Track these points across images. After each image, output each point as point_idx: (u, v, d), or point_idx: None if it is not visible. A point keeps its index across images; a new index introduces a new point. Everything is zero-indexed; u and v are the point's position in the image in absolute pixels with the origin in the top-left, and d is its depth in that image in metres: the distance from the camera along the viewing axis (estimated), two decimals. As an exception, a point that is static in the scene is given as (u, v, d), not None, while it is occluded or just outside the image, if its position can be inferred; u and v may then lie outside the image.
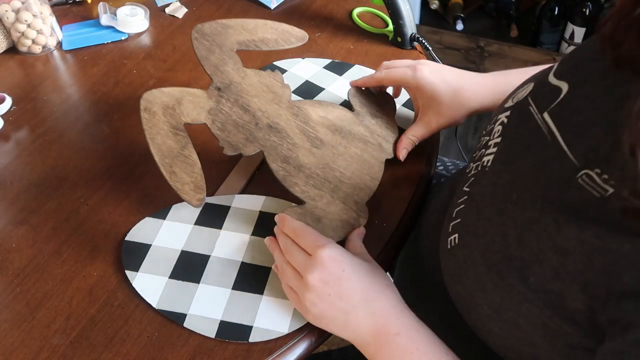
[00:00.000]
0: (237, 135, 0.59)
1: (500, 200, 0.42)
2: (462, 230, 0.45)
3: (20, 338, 0.53)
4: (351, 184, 0.61)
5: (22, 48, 0.86)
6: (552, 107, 0.42)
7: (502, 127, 0.47)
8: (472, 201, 0.46)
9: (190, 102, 0.59)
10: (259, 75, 0.64)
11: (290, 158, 0.60)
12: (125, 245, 0.59)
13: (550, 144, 0.40)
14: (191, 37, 0.64)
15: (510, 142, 0.45)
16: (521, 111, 0.46)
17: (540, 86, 0.45)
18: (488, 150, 0.48)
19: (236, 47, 0.65)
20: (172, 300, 0.55)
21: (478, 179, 0.47)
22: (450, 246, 0.46)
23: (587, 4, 1.64)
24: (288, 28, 0.69)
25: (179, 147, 0.57)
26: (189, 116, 0.58)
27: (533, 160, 0.41)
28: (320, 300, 0.49)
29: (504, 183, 0.43)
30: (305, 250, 0.52)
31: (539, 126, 0.42)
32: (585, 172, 0.36)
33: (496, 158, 0.46)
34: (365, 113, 0.67)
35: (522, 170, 0.42)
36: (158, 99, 0.58)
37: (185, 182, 0.56)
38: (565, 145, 0.39)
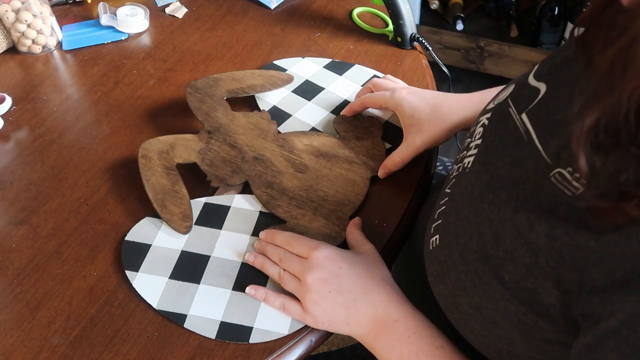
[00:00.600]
0: (225, 169, 0.64)
1: (478, 200, 0.43)
2: (442, 231, 0.46)
3: (20, 338, 0.53)
4: (334, 201, 0.63)
5: (22, 48, 0.86)
6: (530, 108, 0.43)
7: (483, 128, 0.48)
8: (452, 202, 0.47)
9: (182, 145, 0.66)
10: (247, 116, 0.70)
11: (274, 184, 0.63)
12: (125, 245, 0.59)
13: (526, 143, 0.41)
14: (185, 92, 0.71)
15: (490, 143, 0.46)
16: (501, 112, 0.47)
17: (520, 87, 0.46)
18: (469, 152, 0.49)
19: (226, 95, 0.72)
20: (173, 300, 0.55)
21: (458, 180, 0.48)
22: (432, 247, 0.48)
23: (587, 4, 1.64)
24: (274, 73, 0.76)
25: (170, 184, 0.62)
26: (180, 157, 0.65)
27: (510, 160, 0.42)
28: (321, 298, 0.50)
29: (482, 183, 0.44)
30: (300, 255, 0.54)
31: (517, 127, 0.43)
32: (557, 171, 0.37)
33: (476, 159, 0.47)
34: (350, 137, 0.69)
35: (499, 170, 0.43)
36: (154, 146, 0.65)
37: (174, 213, 0.60)
38: (540, 144, 0.40)
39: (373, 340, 0.50)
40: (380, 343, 0.49)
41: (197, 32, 0.90)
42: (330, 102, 0.75)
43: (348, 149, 0.68)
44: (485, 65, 1.86)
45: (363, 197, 0.63)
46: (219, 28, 0.90)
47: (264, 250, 0.57)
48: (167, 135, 0.67)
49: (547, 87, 0.43)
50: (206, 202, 0.63)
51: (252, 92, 0.73)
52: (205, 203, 0.63)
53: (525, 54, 1.78)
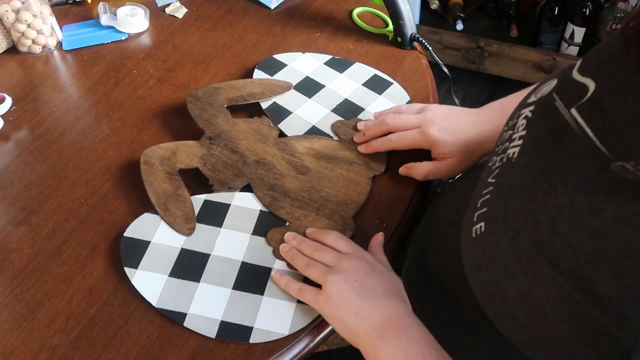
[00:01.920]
0: (227, 173, 0.65)
1: (532, 189, 0.42)
2: (489, 218, 0.46)
3: (20, 338, 0.53)
4: (337, 201, 0.63)
5: (22, 48, 0.86)
6: (580, 104, 0.42)
7: (527, 120, 0.48)
8: (500, 190, 0.46)
9: (184, 151, 0.66)
10: (247, 122, 0.70)
11: (276, 186, 0.64)
12: (124, 241, 0.59)
13: (581, 139, 0.41)
14: (186, 101, 0.72)
15: (537, 135, 0.46)
16: (546, 106, 0.46)
17: (565, 82, 0.46)
18: (512, 143, 0.48)
19: (226, 103, 0.72)
20: (172, 299, 0.55)
21: (504, 170, 0.47)
22: (476, 234, 0.47)
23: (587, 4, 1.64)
24: (273, 81, 0.77)
25: (172, 189, 0.63)
26: (182, 163, 0.65)
27: (564, 153, 0.42)
28: (344, 282, 0.52)
29: (534, 173, 0.43)
30: (340, 251, 0.56)
31: (567, 122, 0.43)
32: (619, 164, 0.37)
33: (523, 150, 0.46)
34: (350, 140, 0.69)
35: (553, 161, 0.42)
36: (156, 153, 0.66)
37: (177, 216, 0.61)
38: (599, 143, 0.39)
39: (377, 336, 0.49)
40: (386, 340, 0.49)
41: (197, 32, 0.90)
42: (331, 101, 0.75)
43: (349, 151, 0.68)
44: (485, 65, 1.86)
45: (366, 196, 0.63)
46: (219, 28, 0.90)
47: (299, 243, 0.58)
48: (168, 142, 0.67)
49: (596, 83, 0.42)
50: (206, 199, 0.63)
51: (251, 100, 0.74)
52: (205, 200, 0.63)
53: (525, 54, 1.78)
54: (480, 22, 1.88)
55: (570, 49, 1.74)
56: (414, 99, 0.76)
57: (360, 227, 0.61)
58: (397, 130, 0.66)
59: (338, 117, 0.73)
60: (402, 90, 0.77)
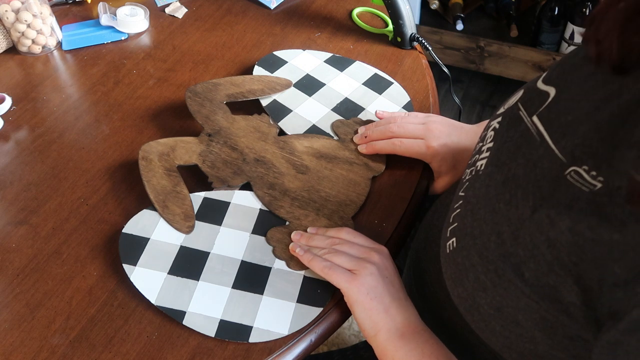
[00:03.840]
0: (226, 171, 0.65)
1: (494, 201, 0.43)
2: (459, 233, 0.47)
3: (20, 338, 0.53)
4: (337, 202, 0.63)
5: (22, 48, 0.86)
6: (540, 111, 0.44)
7: (494, 132, 0.49)
8: (468, 204, 0.47)
9: (182, 148, 0.66)
10: (247, 120, 0.70)
11: (275, 185, 0.64)
12: (123, 238, 0.59)
13: (539, 144, 0.42)
14: (185, 96, 0.71)
15: (502, 146, 0.47)
16: (511, 116, 0.48)
17: (529, 92, 0.47)
18: (481, 155, 0.49)
19: (225, 99, 0.72)
20: (171, 296, 0.55)
21: (472, 183, 0.49)
22: (449, 250, 0.48)
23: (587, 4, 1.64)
24: (273, 78, 0.76)
25: (171, 185, 0.63)
26: (181, 159, 0.65)
27: (524, 160, 0.43)
28: (380, 275, 0.54)
29: (497, 184, 0.44)
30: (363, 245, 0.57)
31: (529, 128, 0.44)
32: (573, 169, 0.38)
33: (489, 162, 0.47)
34: (350, 140, 0.69)
35: (514, 170, 0.43)
36: (154, 148, 0.66)
37: (176, 214, 0.60)
38: (553, 144, 0.40)
39: (398, 335, 0.51)
40: (405, 340, 0.51)
41: (197, 32, 0.90)
42: (331, 99, 0.75)
43: (348, 151, 0.68)
44: (485, 65, 1.86)
45: (365, 197, 0.63)
46: (219, 28, 0.90)
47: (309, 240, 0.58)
48: (167, 138, 0.67)
49: (557, 90, 0.44)
50: (205, 197, 0.63)
51: (251, 97, 0.73)
52: (204, 198, 0.63)
53: (525, 54, 1.78)
54: (480, 22, 1.88)
55: (570, 49, 1.74)
56: (414, 99, 0.76)
57: (360, 227, 0.61)
58: (401, 137, 0.66)
59: (338, 116, 0.73)
60: (402, 90, 0.77)
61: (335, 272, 0.54)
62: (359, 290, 0.52)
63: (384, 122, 0.69)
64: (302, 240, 0.58)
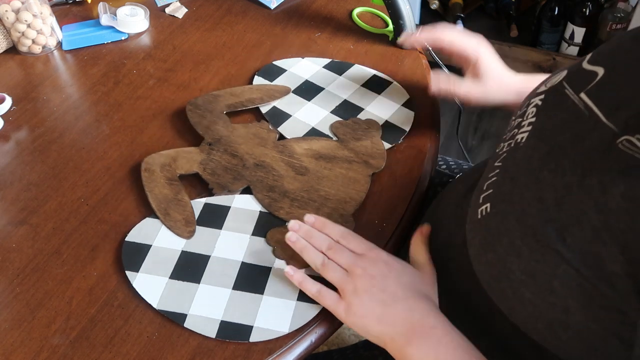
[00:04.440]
0: (226, 177, 0.65)
1: (538, 170, 0.43)
2: (495, 199, 0.46)
3: (20, 338, 0.53)
4: (336, 200, 0.63)
5: (22, 48, 0.86)
6: (589, 88, 0.44)
7: (537, 108, 0.49)
8: (506, 172, 0.47)
9: (184, 158, 0.67)
10: (247, 127, 0.71)
11: (275, 187, 0.64)
12: (126, 246, 0.59)
13: (588, 118, 0.42)
14: (186, 109, 0.73)
15: (546, 120, 0.46)
16: (556, 94, 0.47)
17: (575, 72, 0.47)
18: (521, 129, 0.49)
19: (225, 109, 0.73)
20: (173, 300, 0.55)
21: (511, 154, 0.48)
22: (481, 216, 0.47)
23: (587, 4, 1.64)
24: (272, 86, 0.77)
25: (173, 194, 0.63)
26: (182, 169, 0.66)
27: (570, 133, 0.42)
28: (364, 291, 0.51)
29: (541, 155, 0.44)
30: (354, 251, 0.54)
31: (576, 104, 0.44)
32: (625, 138, 0.37)
33: (531, 135, 0.47)
34: (349, 139, 0.70)
35: (560, 142, 0.43)
36: (157, 160, 0.67)
37: (177, 220, 0.61)
38: (605, 117, 0.40)
39: (405, 342, 0.49)
40: (415, 345, 0.49)
41: (197, 32, 0.90)
42: (330, 102, 0.75)
43: (347, 150, 0.68)
44: (485, 65, 1.86)
45: (365, 193, 0.64)
46: (219, 28, 0.90)
47: (308, 235, 0.56)
48: (168, 150, 0.68)
49: (605, 69, 0.44)
50: (206, 203, 0.63)
51: (250, 105, 0.74)
52: (205, 203, 0.63)
53: (525, 54, 1.78)
54: (480, 22, 1.88)
55: (570, 49, 1.74)
56: (414, 98, 0.76)
57: (360, 227, 0.61)
58: (451, 44, 0.71)
59: (337, 118, 0.73)
60: (402, 89, 0.77)
61: (325, 297, 0.53)
62: (347, 314, 0.51)
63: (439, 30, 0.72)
64: (301, 232, 0.57)
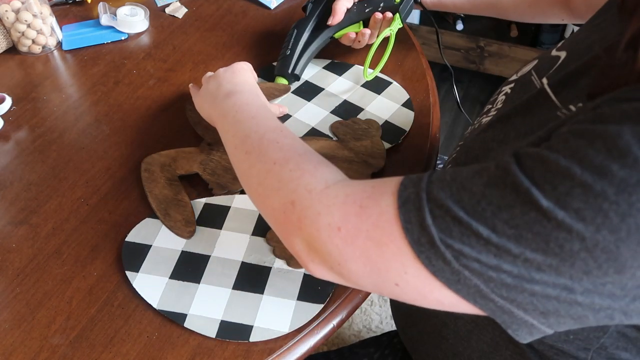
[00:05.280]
0: (226, 177, 0.65)
1: (489, 141, 0.46)
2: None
3: (20, 338, 0.53)
4: None
5: (22, 48, 0.86)
6: (550, 73, 0.47)
7: (506, 96, 0.52)
8: (464, 147, 0.50)
9: (183, 158, 0.67)
10: None
11: None
12: (126, 246, 0.59)
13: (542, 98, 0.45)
14: (185, 110, 0.73)
15: (511, 105, 0.49)
16: (524, 82, 0.50)
17: (543, 59, 0.51)
18: (489, 114, 0.52)
19: None
20: (173, 300, 0.55)
21: (472, 132, 0.52)
22: None
23: (587, 4, 1.64)
24: (271, 84, 0.77)
25: (173, 194, 0.64)
26: (182, 169, 0.66)
27: (524, 110, 0.46)
28: (213, 79, 0.64)
29: (494, 130, 0.47)
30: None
31: (537, 88, 0.47)
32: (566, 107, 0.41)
33: (493, 118, 0.50)
34: (349, 139, 0.70)
35: (512, 118, 0.46)
36: (156, 160, 0.67)
37: (177, 220, 0.61)
38: (553, 95, 0.44)
39: (223, 100, 0.59)
40: (226, 100, 0.59)
41: (197, 32, 0.90)
42: (330, 102, 0.75)
43: (347, 150, 0.68)
44: (485, 65, 1.86)
45: None
46: (219, 28, 0.90)
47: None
48: (168, 150, 0.68)
49: (567, 53, 0.47)
50: (206, 203, 0.63)
51: None
52: (205, 203, 0.63)
53: (525, 54, 1.78)
54: (480, 22, 1.88)
55: (570, 49, 1.74)
56: (414, 99, 0.76)
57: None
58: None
59: (337, 118, 0.73)
60: (402, 89, 0.77)
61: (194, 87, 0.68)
62: (196, 96, 0.66)
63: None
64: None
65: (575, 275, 0.33)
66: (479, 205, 0.35)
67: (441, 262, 0.36)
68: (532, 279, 0.34)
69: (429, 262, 0.37)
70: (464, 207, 0.35)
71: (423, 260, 0.37)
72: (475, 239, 0.35)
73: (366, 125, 0.71)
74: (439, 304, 0.39)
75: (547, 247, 0.33)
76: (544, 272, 0.34)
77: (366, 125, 0.71)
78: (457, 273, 0.36)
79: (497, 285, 0.35)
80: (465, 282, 0.36)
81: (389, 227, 0.38)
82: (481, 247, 0.35)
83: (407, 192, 0.38)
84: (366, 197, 0.41)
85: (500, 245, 0.34)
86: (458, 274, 0.36)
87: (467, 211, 0.35)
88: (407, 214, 0.38)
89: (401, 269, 0.38)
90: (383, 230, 0.39)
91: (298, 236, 0.44)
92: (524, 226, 0.33)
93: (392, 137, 0.70)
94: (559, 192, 0.32)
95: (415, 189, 0.38)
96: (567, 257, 0.33)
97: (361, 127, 0.71)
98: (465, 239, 0.35)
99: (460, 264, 0.35)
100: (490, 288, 0.36)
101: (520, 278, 0.34)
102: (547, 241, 0.33)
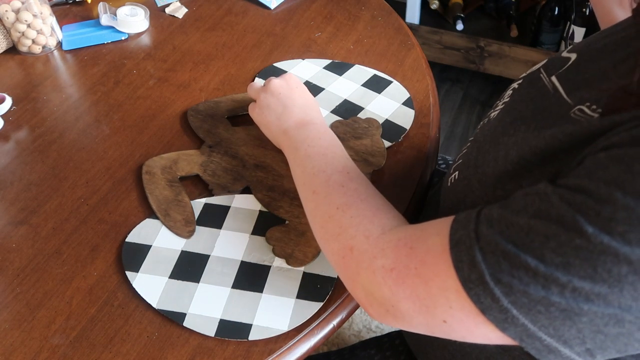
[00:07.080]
0: (226, 178, 0.66)
1: (500, 136, 0.46)
2: (462, 167, 0.50)
3: (20, 338, 0.53)
4: None
5: (22, 48, 0.86)
6: (560, 72, 0.47)
7: (512, 91, 0.52)
8: (475, 143, 0.51)
9: (184, 160, 0.68)
10: (247, 130, 0.71)
11: (275, 187, 0.64)
12: (126, 247, 0.59)
13: (552, 95, 0.45)
14: (187, 115, 0.74)
15: (517, 100, 0.50)
16: (532, 78, 0.51)
17: (553, 59, 0.51)
18: (496, 109, 0.53)
19: (226, 114, 0.74)
20: (172, 300, 0.55)
21: (482, 128, 0.52)
22: (450, 183, 0.51)
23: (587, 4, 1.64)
24: None
25: (173, 195, 0.64)
26: (183, 170, 0.67)
27: (534, 106, 0.46)
28: (271, 96, 0.64)
29: (504, 124, 0.47)
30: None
31: (545, 85, 0.47)
32: (578, 107, 0.41)
33: (501, 111, 0.51)
34: (349, 138, 0.70)
35: (523, 113, 0.46)
36: (157, 163, 0.67)
37: (177, 220, 0.61)
38: (565, 94, 0.44)
39: (294, 129, 0.61)
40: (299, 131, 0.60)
41: (197, 32, 0.90)
42: (331, 102, 0.75)
43: (347, 149, 0.68)
44: (485, 65, 1.86)
45: None
46: (219, 28, 0.90)
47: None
48: (169, 153, 0.68)
49: (578, 55, 0.47)
50: (206, 203, 0.63)
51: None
52: (205, 204, 0.63)
53: (525, 54, 1.78)
54: (480, 22, 1.88)
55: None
56: (414, 98, 0.76)
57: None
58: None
59: (338, 118, 0.73)
60: (402, 88, 0.77)
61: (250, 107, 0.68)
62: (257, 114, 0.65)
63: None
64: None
65: (624, 303, 0.33)
66: (527, 238, 0.36)
67: (489, 300, 0.36)
68: (581, 310, 0.34)
69: (478, 299, 0.37)
70: (512, 241, 0.36)
71: (472, 297, 0.37)
72: (524, 270, 0.35)
73: (366, 124, 0.71)
74: (487, 340, 0.39)
75: (595, 272, 0.33)
76: (593, 302, 0.34)
77: (366, 124, 0.71)
78: (505, 311, 0.36)
79: (545, 321, 0.35)
80: (512, 321, 0.36)
81: (434, 263, 0.40)
82: (529, 278, 0.35)
83: (458, 234, 0.40)
84: (416, 239, 0.43)
85: (548, 274, 0.34)
86: (506, 312, 0.36)
87: (515, 244, 0.36)
88: (458, 254, 0.39)
89: (446, 303, 0.39)
90: (429, 267, 0.40)
91: (357, 281, 0.45)
92: (571, 253, 0.34)
93: (393, 136, 0.70)
94: (602, 218, 0.33)
95: (465, 230, 0.39)
96: (615, 283, 0.33)
97: (361, 126, 0.71)
98: (514, 271, 0.35)
99: (509, 300, 0.36)
100: (537, 326, 0.36)
101: (569, 311, 0.35)
102: (594, 267, 0.33)
